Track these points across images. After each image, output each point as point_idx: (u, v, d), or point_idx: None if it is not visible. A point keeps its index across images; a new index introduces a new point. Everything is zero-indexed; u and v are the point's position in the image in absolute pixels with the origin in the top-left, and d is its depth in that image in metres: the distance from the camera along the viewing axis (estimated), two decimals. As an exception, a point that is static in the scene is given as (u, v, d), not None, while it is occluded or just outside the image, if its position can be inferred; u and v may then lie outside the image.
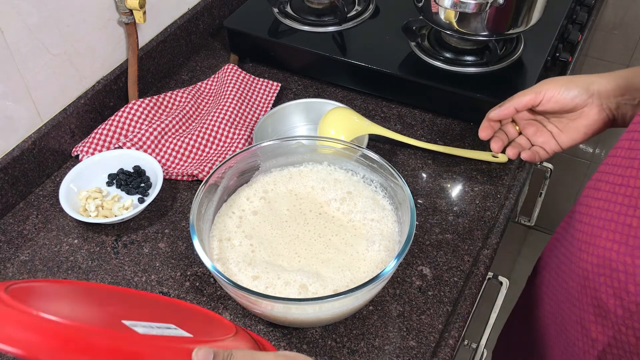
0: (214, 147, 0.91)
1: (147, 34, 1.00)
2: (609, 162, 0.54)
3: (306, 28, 1.04)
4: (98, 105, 0.93)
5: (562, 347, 0.64)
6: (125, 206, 0.81)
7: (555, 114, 0.71)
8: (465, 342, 0.86)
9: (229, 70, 0.99)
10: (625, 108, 0.66)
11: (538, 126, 0.74)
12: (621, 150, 0.52)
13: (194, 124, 0.94)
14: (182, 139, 0.90)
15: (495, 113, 0.72)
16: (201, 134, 0.91)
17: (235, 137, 0.91)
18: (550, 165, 0.99)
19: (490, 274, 0.82)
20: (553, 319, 0.66)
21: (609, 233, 0.51)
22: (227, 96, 0.95)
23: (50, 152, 0.87)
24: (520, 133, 0.76)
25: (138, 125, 0.91)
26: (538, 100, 0.69)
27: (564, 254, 0.64)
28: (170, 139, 0.90)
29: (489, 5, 0.85)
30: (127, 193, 0.84)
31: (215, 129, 0.91)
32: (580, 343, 0.59)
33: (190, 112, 0.95)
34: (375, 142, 0.91)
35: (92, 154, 0.88)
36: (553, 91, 0.68)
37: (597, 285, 0.53)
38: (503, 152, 0.77)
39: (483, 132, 0.74)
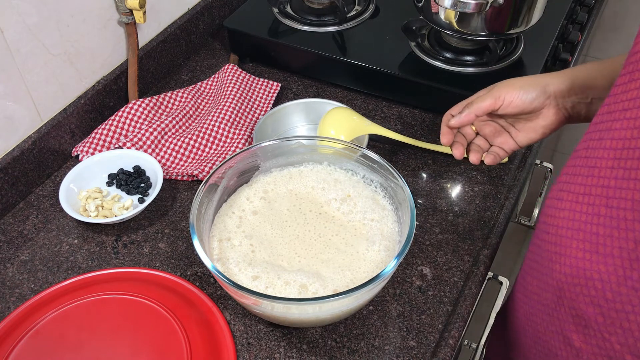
0: (214, 147, 0.91)
1: (147, 34, 1.00)
2: (569, 172, 0.54)
3: (306, 28, 1.04)
4: (98, 105, 0.93)
5: (540, 357, 0.64)
6: (125, 206, 0.81)
7: (514, 116, 0.71)
8: (466, 342, 0.86)
9: (229, 70, 0.99)
10: (580, 106, 0.68)
11: (495, 127, 0.74)
12: (579, 159, 0.53)
13: (194, 124, 0.94)
14: (182, 139, 0.90)
15: (455, 121, 0.71)
16: (201, 134, 0.91)
17: (235, 137, 0.91)
18: (550, 165, 0.99)
19: (490, 274, 0.82)
20: (529, 329, 0.66)
21: (579, 242, 0.51)
22: (227, 96, 0.95)
23: (50, 152, 0.87)
24: (477, 133, 0.76)
25: (138, 125, 0.91)
26: (498, 105, 0.69)
27: (534, 266, 0.64)
28: (170, 139, 0.90)
29: (488, 5, 0.85)
30: (127, 193, 0.84)
31: (215, 129, 0.91)
32: (563, 353, 0.58)
33: (190, 112, 0.95)
34: (375, 142, 0.91)
35: (92, 154, 0.88)
36: (512, 95, 0.68)
37: (573, 295, 0.53)
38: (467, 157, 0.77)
39: (445, 139, 0.74)
